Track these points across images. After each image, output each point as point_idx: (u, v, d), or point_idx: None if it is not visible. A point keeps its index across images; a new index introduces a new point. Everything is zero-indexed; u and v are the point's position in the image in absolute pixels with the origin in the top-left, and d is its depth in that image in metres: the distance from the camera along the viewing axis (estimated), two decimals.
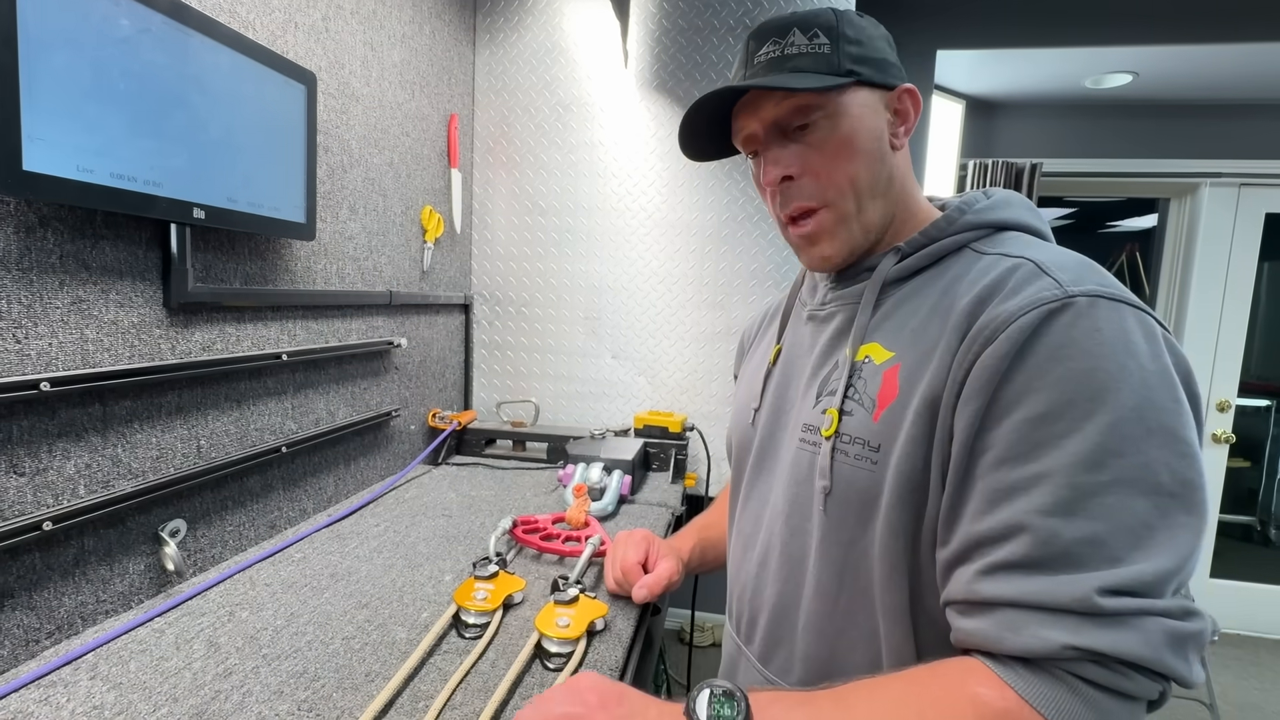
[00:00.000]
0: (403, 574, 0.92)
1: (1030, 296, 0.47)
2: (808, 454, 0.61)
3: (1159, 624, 0.40)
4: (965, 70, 2.41)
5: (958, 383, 0.49)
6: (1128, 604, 0.40)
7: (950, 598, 0.48)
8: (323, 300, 1.13)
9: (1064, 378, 0.44)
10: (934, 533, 0.51)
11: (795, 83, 0.56)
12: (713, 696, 0.45)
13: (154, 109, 0.74)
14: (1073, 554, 0.41)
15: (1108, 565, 0.41)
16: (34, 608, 0.70)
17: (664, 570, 0.82)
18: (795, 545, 0.62)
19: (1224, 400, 2.69)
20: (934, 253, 0.58)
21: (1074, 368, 0.44)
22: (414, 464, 1.44)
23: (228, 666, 0.68)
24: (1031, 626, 0.41)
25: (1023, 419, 0.45)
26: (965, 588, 0.46)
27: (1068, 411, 0.43)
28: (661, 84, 1.63)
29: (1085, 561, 0.41)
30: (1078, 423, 0.43)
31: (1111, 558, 0.41)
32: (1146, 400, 0.43)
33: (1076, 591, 0.40)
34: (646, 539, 0.88)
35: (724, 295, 1.65)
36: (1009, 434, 0.45)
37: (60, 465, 0.71)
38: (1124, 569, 0.40)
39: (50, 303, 0.70)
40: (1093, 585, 0.40)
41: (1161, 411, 0.43)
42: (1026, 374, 0.45)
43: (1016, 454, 0.45)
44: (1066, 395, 0.44)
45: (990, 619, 0.44)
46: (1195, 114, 2.60)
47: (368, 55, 1.24)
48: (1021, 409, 0.45)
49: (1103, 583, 0.40)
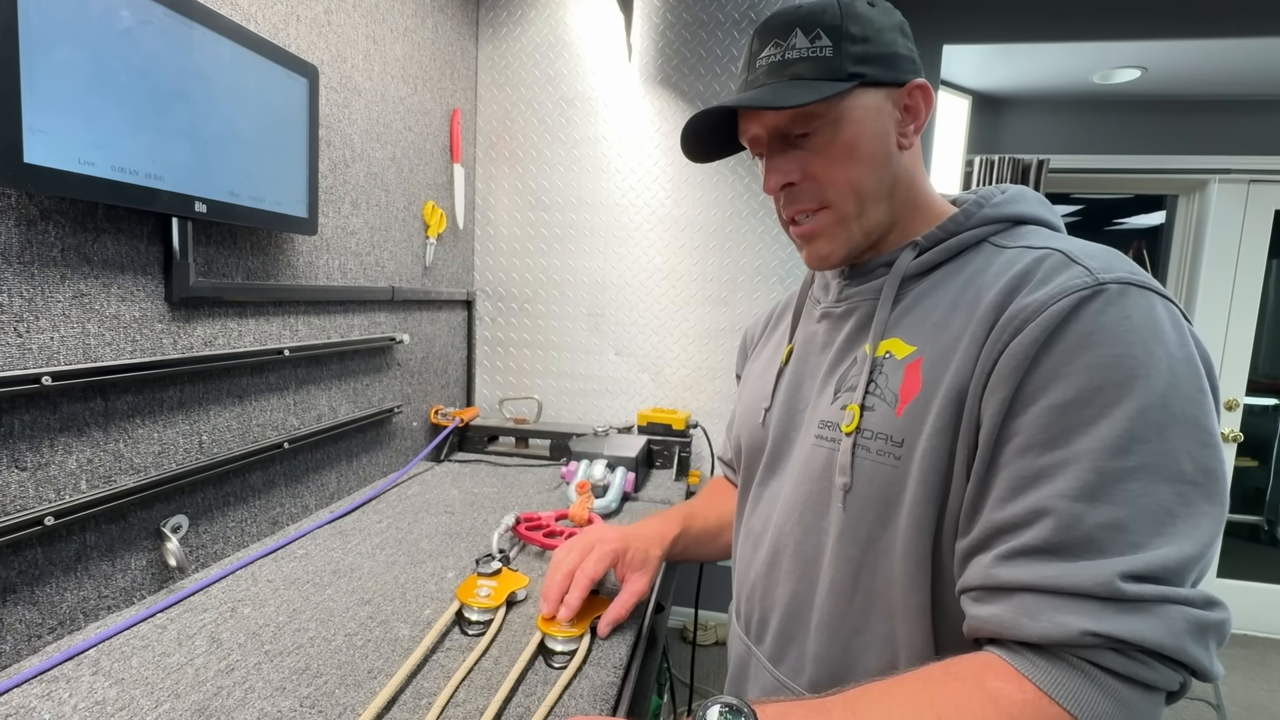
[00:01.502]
0: (405, 571, 0.92)
1: (1061, 284, 0.46)
2: (824, 451, 0.60)
3: (1181, 612, 0.39)
4: (972, 65, 2.39)
5: (985, 372, 0.48)
6: (1150, 590, 0.39)
7: (967, 584, 0.47)
8: (325, 295, 1.13)
9: (1093, 364, 0.43)
10: (955, 526, 0.50)
11: (787, 99, 0.54)
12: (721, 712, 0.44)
13: (155, 102, 0.74)
14: (1095, 539, 0.41)
15: (1130, 551, 0.40)
16: (36, 603, 0.70)
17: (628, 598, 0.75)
18: (809, 543, 0.61)
19: (1232, 399, 2.67)
20: (952, 247, 0.58)
21: (1103, 354, 0.43)
22: (416, 460, 1.44)
23: (230, 662, 0.68)
24: (1050, 611, 0.40)
25: (1049, 405, 0.44)
26: (983, 573, 0.45)
27: (1096, 398, 0.43)
28: (665, 78, 1.62)
29: (1107, 546, 0.40)
30: (1105, 409, 0.42)
31: (1133, 543, 0.40)
32: (1173, 388, 0.43)
33: (1099, 576, 0.39)
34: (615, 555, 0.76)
35: (728, 291, 1.64)
36: (1035, 420, 0.45)
37: (62, 460, 0.71)
38: (1147, 554, 0.40)
39: (52, 297, 0.69)
40: (1115, 570, 0.39)
41: (1187, 400, 0.43)
42: (1054, 360, 0.45)
43: (1042, 440, 0.44)
44: (1095, 381, 0.43)
45: (1007, 604, 0.43)
46: (1204, 110, 2.57)
47: (370, 49, 1.24)
48: (1049, 395, 0.45)
49: (1126, 568, 0.39)
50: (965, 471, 0.49)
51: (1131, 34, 2.10)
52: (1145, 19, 2.09)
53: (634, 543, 0.77)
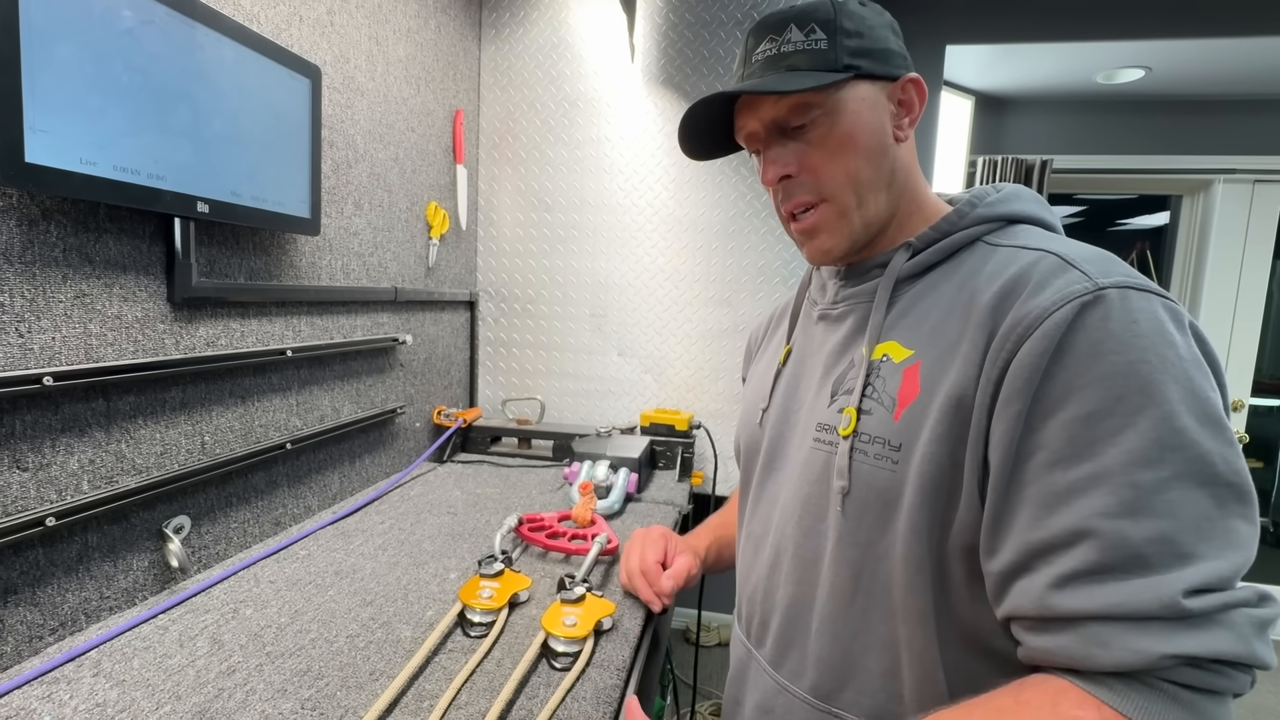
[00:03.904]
0: (408, 572, 0.91)
1: (1060, 290, 0.46)
2: (822, 454, 0.60)
3: (1245, 615, 0.39)
4: (975, 66, 2.38)
5: (992, 382, 0.47)
6: (1213, 601, 0.39)
7: (1017, 613, 0.45)
8: (327, 296, 1.13)
9: (1108, 373, 0.43)
10: (964, 536, 0.49)
11: (787, 84, 0.55)
12: None
13: (158, 102, 0.74)
14: (1145, 555, 0.40)
15: (1181, 563, 0.40)
16: (37, 604, 0.69)
17: (681, 566, 0.82)
18: (808, 547, 0.61)
19: (1237, 400, 2.65)
20: (946, 247, 0.58)
21: (1117, 362, 0.43)
22: (419, 461, 1.44)
23: (231, 664, 0.67)
24: (1120, 637, 0.40)
25: (1071, 418, 0.44)
26: (1037, 602, 0.44)
27: (1118, 407, 0.42)
28: (668, 79, 1.61)
29: (1158, 562, 0.40)
30: (1129, 418, 0.42)
31: (1184, 555, 0.40)
32: (1190, 391, 0.42)
33: (1162, 597, 0.39)
34: (664, 536, 0.87)
35: (731, 292, 1.64)
36: (1058, 434, 0.44)
37: (64, 461, 0.71)
38: (1202, 566, 0.39)
39: (54, 297, 0.69)
40: (1177, 588, 0.39)
41: (1206, 401, 0.42)
42: (1069, 371, 0.44)
43: (1069, 455, 0.43)
44: (1114, 391, 0.43)
45: (1072, 635, 0.42)
46: (1209, 109, 2.56)
47: (373, 50, 1.23)
48: (1068, 408, 0.44)
49: (1187, 584, 0.39)
50: (976, 482, 0.48)
51: (1135, 33, 2.09)
52: (1149, 18, 2.08)
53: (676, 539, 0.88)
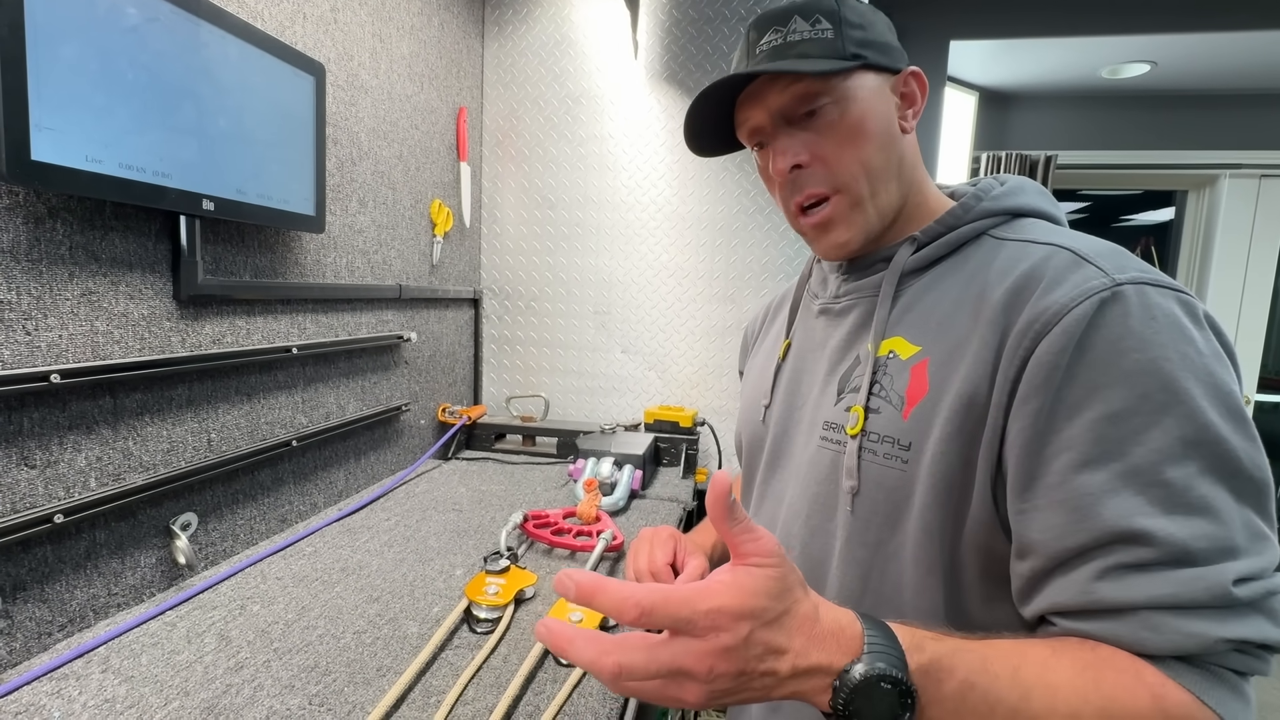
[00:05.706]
0: (414, 568, 0.92)
1: (1078, 286, 0.45)
2: (830, 453, 0.59)
3: None
4: (979, 61, 2.37)
5: (1009, 379, 0.47)
6: (1259, 589, 0.40)
7: (1059, 607, 0.45)
8: (332, 294, 1.13)
9: (1131, 371, 0.43)
10: (977, 535, 0.49)
11: (804, 66, 0.55)
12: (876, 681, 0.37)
13: (162, 99, 0.74)
14: (1191, 550, 0.40)
15: (1227, 556, 0.40)
16: (46, 600, 0.70)
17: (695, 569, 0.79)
18: (816, 546, 0.60)
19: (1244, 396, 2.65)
20: (952, 241, 0.57)
21: (1139, 359, 0.43)
22: (424, 458, 1.44)
23: (239, 660, 0.68)
24: (1174, 624, 0.40)
25: (1096, 417, 0.43)
26: (1080, 595, 0.43)
27: (1143, 405, 0.42)
28: (672, 75, 1.61)
29: (1204, 556, 0.40)
30: (1155, 416, 0.42)
31: (1228, 548, 0.40)
32: (1213, 386, 0.43)
33: (1213, 589, 0.39)
34: (673, 537, 0.84)
35: (735, 289, 1.63)
36: (1085, 434, 0.44)
37: (71, 458, 0.71)
38: (1244, 558, 0.40)
39: (60, 294, 0.69)
40: (1226, 579, 0.39)
41: (1229, 396, 0.43)
42: (1091, 369, 0.44)
43: (1098, 454, 0.43)
44: (1138, 389, 0.43)
45: (1118, 622, 0.42)
46: (1215, 104, 2.55)
47: (376, 47, 1.23)
48: (1094, 407, 0.44)
49: (1235, 574, 0.40)
50: (988, 481, 0.48)
51: (1140, 28, 2.08)
52: (1154, 13, 2.07)
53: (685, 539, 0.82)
